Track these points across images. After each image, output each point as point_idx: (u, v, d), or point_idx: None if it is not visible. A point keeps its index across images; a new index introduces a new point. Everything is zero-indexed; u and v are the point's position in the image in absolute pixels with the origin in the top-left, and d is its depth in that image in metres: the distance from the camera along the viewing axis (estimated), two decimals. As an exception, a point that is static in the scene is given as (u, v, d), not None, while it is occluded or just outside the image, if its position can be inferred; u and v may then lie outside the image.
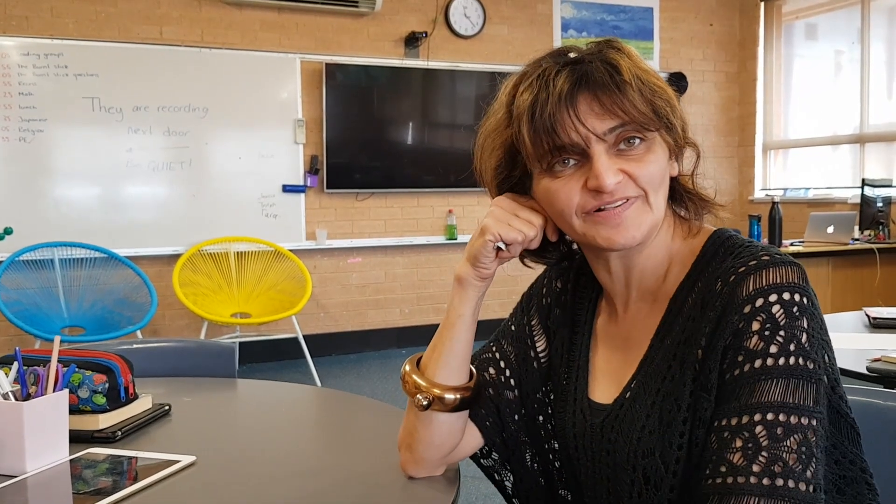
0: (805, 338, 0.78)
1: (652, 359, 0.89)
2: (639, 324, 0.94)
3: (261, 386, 1.63)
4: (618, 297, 0.97)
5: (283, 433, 1.31)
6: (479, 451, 1.06)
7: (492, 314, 5.52)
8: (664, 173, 0.87)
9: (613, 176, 0.83)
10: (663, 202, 0.88)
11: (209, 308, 4.66)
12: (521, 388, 1.04)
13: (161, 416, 1.34)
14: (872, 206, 4.84)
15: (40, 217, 4.59)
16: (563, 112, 0.83)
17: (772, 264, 0.81)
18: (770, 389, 0.77)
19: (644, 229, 0.87)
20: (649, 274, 0.93)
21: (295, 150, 5.21)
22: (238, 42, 5.05)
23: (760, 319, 0.78)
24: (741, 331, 0.79)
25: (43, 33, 4.60)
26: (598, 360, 0.98)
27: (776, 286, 0.79)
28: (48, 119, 4.60)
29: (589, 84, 0.83)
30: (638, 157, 0.85)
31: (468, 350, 1.00)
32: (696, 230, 0.93)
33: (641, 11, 6.25)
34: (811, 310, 0.79)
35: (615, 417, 0.90)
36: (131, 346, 1.71)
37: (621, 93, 0.83)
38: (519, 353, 1.05)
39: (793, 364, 0.77)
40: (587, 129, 0.83)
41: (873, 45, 5.68)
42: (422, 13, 5.54)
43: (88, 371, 1.27)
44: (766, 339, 0.78)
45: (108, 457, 1.15)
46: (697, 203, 0.92)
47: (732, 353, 0.80)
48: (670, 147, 0.88)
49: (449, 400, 0.97)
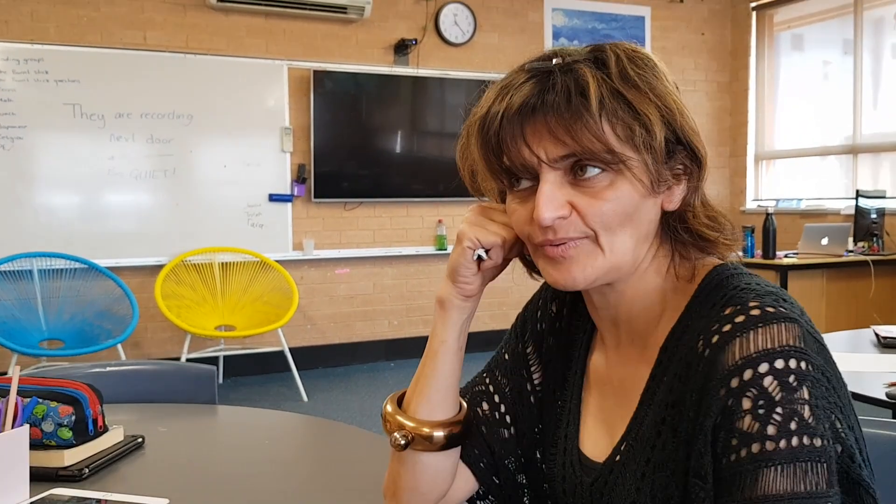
0: (807, 411, 0.67)
1: (642, 419, 0.79)
2: (630, 372, 0.84)
3: (242, 413, 1.54)
4: (608, 336, 0.88)
5: (265, 472, 1.21)
6: (475, 494, 0.96)
7: (482, 326, 5.51)
8: (629, 211, 0.75)
9: (554, 210, 0.74)
10: (628, 244, 0.77)
11: (193, 321, 4.55)
12: (517, 426, 0.94)
13: (133, 451, 1.24)
14: (867, 217, 4.80)
15: (19, 226, 4.46)
16: (511, 131, 0.75)
17: (761, 322, 0.69)
18: (775, 479, 0.66)
19: (590, 273, 0.76)
20: (638, 317, 0.83)
21: (282, 158, 5.11)
22: (224, 48, 4.96)
23: (751, 395, 0.67)
24: (731, 409, 0.68)
25: (23, 38, 4.49)
26: (590, 406, 0.89)
27: (766, 353, 0.68)
28: (28, 126, 4.48)
29: (543, 105, 0.73)
30: (593, 192, 0.74)
31: (455, 380, 0.90)
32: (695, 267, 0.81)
33: (633, 20, 6.20)
34: (812, 375, 0.68)
35: (604, 483, 0.81)
36: (104, 370, 1.61)
37: (578, 118, 0.72)
38: (514, 386, 0.95)
39: (796, 446, 0.66)
40: (532, 153, 0.74)
41: (865, 55, 5.66)
42: (411, 20, 5.47)
43: (53, 402, 1.17)
44: (760, 420, 0.67)
45: (72, 499, 1.05)
46: (699, 242, 0.80)
47: (724, 434, 0.69)
48: (650, 180, 0.75)
49: (435, 438, 0.87)
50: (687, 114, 0.78)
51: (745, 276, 0.79)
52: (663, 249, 0.82)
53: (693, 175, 0.79)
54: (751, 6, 6.39)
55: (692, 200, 0.80)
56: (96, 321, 4.43)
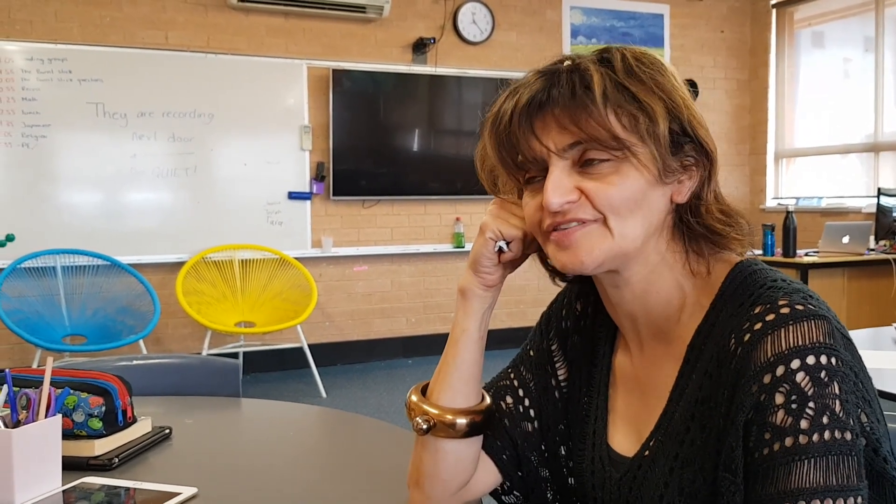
0: (838, 406, 0.69)
1: (671, 415, 0.81)
2: (656, 368, 0.86)
3: (266, 406, 1.56)
4: (628, 334, 0.89)
5: (290, 462, 1.23)
6: (499, 488, 0.97)
7: (499, 324, 5.52)
8: (637, 197, 0.78)
9: (561, 195, 0.77)
10: (637, 229, 0.78)
11: (213, 317, 4.59)
12: (542, 420, 0.96)
13: (161, 441, 1.26)
14: (888, 215, 4.76)
15: (42, 224, 4.52)
16: (521, 125, 0.79)
17: (791, 320, 0.71)
18: (808, 472, 0.68)
19: (597, 255, 0.78)
20: (656, 312, 0.84)
21: (301, 156, 5.15)
22: (244, 48, 5.00)
23: (784, 391, 0.69)
24: (763, 404, 0.70)
25: (47, 38, 4.55)
26: (618, 403, 0.91)
27: (798, 350, 0.70)
28: (52, 125, 4.54)
29: (549, 99, 0.78)
30: (601, 176, 0.77)
31: (476, 369, 0.92)
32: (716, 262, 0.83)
33: (651, 18, 6.18)
34: (842, 370, 0.70)
35: (633, 478, 0.83)
36: (131, 363, 1.64)
37: (582, 108, 0.76)
38: (539, 382, 0.97)
39: (828, 440, 0.68)
40: (542, 145, 0.78)
41: (886, 52, 5.61)
42: (430, 19, 5.49)
43: (84, 393, 1.19)
44: (794, 414, 0.69)
45: (103, 487, 1.07)
46: (710, 236, 0.82)
47: (757, 429, 0.71)
48: (658, 168, 0.78)
49: (458, 425, 0.89)
50: (695, 109, 0.80)
51: (768, 272, 0.80)
52: (675, 244, 0.83)
53: (703, 168, 0.81)
54: (770, 3, 6.34)
55: (704, 194, 0.82)
56: (118, 317, 4.48)
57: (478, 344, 0.91)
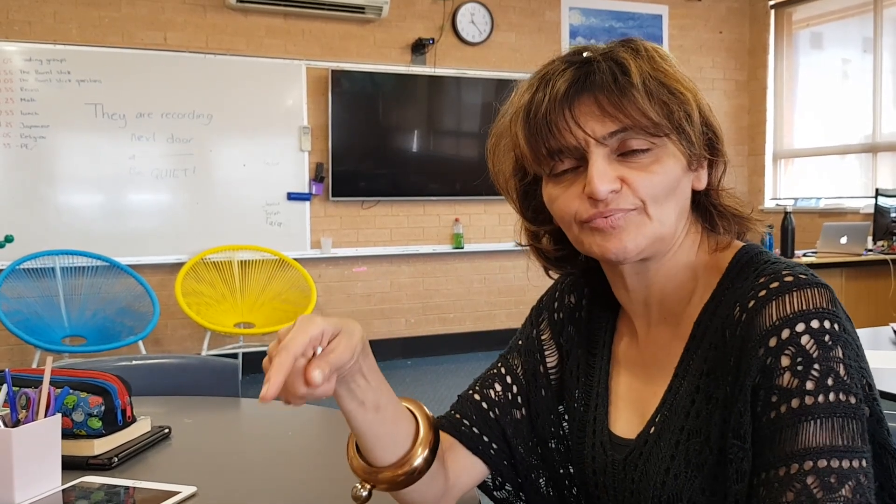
0: (842, 369, 0.70)
1: (676, 390, 0.82)
2: (662, 349, 0.86)
3: (265, 406, 1.55)
4: (638, 318, 0.89)
5: (289, 461, 1.23)
6: (491, 483, 0.96)
7: (499, 324, 5.53)
8: (674, 185, 0.79)
9: (608, 183, 0.77)
10: (672, 216, 0.80)
11: (212, 318, 4.59)
12: (531, 407, 0.95)
13: (160, 441, 1.27)
14: (886, 216, 4.76)
15: (41, 225, 4.52)
16: (559, 113, 0.77)
17: (795, 287, 0.73)
18: (815, 433, 0.69)
19: (640, 241, 0.79)
20: (671, 294, 0.85)
21: (300, 157, 5.15)
22: (243, 48, 5.00)
23: (790, 353, 0.70)
24: (770, 367, 0.71)
25: (46, 38, 4.55)
26: (620, 387, 0.91)
27: (802, 313, 0.71)
28: (50, 125, 4.54)
29: (590, 84, 0.77)
30: (642, 165, 0.78)
31: (393, 422, 0.82)
32: (725, 246, 0.85)
33: (650, 19, 6.19)
34: (844, 336, 0.71)
35: (639, 455, 0.83)
36: (130, 363, 1.64)
37: (625, 94, 0.76)
38: (528, 369, 0.97)
39: (833, 401, 0.69)
40: (584, 132, 0.77)
41: (885, 53, 5.62)
42: (429, 20, 5.49)
43: (83, 393, 1.20)
44: (799, 376, 0.70)
45: (103, 486, 1.07)
46: (729, 219, 0.85)
47: (764, 392, 0.71)
48: (687, 157, 0.80)
49: (400, 477, 0.82)
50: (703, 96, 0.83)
51: (771, 254, 0.82)
52: (694, 227, 0.85)
53: (718, 156, 0.84)
54: (769, 4, 6.35)
55: (718, 181, 0.85)
56: (117, 318, 4.48)
57: (371, 412, 0.79)
